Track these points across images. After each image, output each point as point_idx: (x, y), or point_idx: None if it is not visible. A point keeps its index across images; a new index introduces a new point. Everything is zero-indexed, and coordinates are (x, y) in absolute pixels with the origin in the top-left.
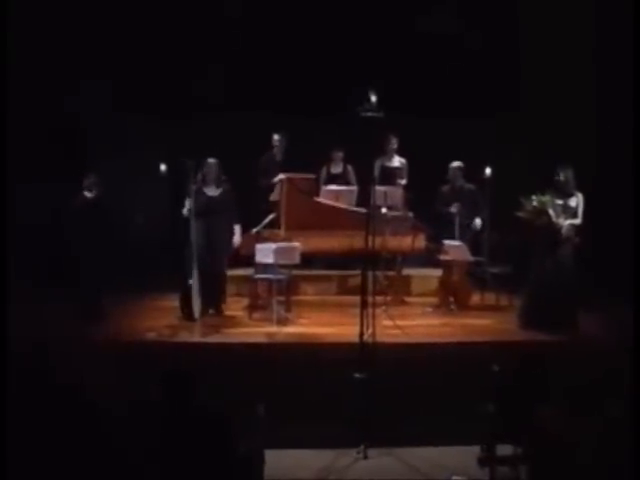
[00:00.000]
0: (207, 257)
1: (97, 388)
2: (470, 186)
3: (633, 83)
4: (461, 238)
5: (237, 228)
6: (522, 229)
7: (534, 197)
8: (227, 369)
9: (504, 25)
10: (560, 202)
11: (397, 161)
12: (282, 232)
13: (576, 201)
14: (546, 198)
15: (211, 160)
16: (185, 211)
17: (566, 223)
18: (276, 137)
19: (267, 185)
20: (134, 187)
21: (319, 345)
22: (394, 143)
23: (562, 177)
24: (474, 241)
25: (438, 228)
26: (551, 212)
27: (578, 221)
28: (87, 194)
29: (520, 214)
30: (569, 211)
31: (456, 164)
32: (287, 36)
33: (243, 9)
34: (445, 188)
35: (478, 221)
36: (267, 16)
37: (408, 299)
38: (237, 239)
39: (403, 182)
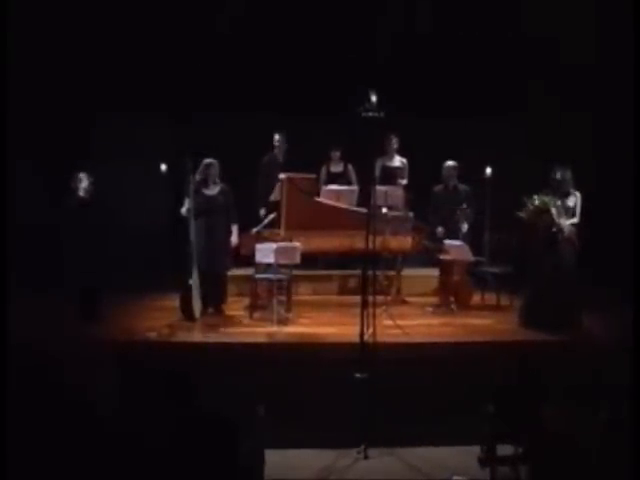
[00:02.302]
0: (207, 257)
1: (97, 388)
2: (464, 187)
3: (634, 83)
4: (463, 238)
5: (234, 228)
6: (522, 229)
7: (536, 197)
8: (227, 369)
9: (505, 24)
10: (559, 202)
11: (398, 161)
12: (282, 232)
13: (574, 200)
14: (548, 198)
15: (209, 160)
16: (184, 211)
17: (567, 223)
18: (277, 137)
19: (268, 186)
20: (134, 187)
21: (319, 345)
22: (395, 143)
23: (559, 177)
24: (474, 241)
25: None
26: (553, 212)
27: (576, 220)
28: (81, 194)
29: (521, 214)
30: (568, 211)
31: (450, 163)
32: (287, 36)
33: (244, 9)
34: (438, 188)
35: (465, 226)
36: (268, 16)
37: (408, 299)
38: (234, 239)
39: (404, 182)
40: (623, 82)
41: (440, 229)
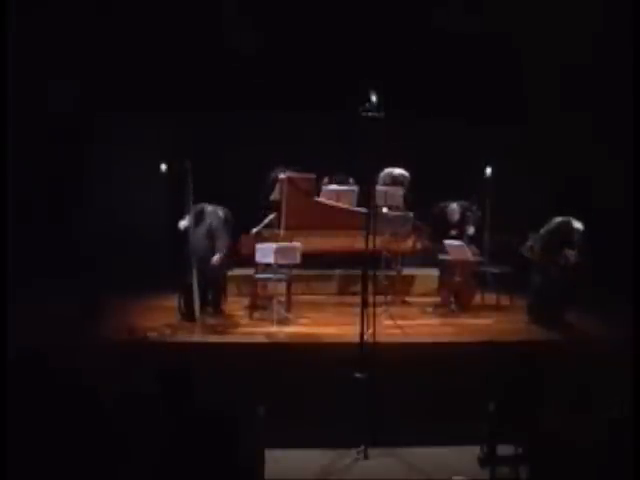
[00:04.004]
0: (206, 258)
1: (97, 388)
2: (464, 204)
3: (633, 93)
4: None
5: (218, 254)
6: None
7: (539, 246)
8: (227, 369)
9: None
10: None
11: (400, 175)
12: (282, 232)
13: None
14: (554, 249)
15: (199, 207)
16: (182, 225)
17: (572, 253)
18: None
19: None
20: (134, 187)
21: (319, 345)
22: (401, 177)
23: (578, 237)
24: (473, 241)
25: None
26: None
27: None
28: None
29: (527, 254)
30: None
31: (455, 207)
32: (288, 35)
33: (245, 9)
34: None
35: (472, 229)
36: (268, 15)
37: (408, 299)
38: (215, 259)
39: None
40: (623, 86)
41: (472, 229)
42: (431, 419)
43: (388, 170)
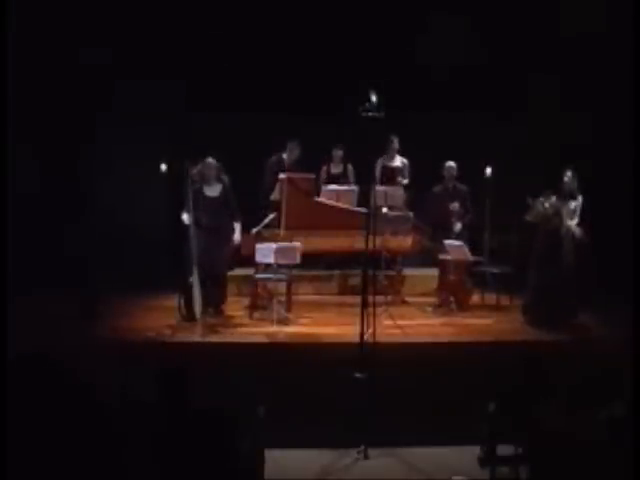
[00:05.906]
0: (207, 258)
1: (97, 388)
2: (463, 186)
3: (634, 87)
4: (456, 237)
5: (237, 226)
6: (528, 231)
7: (542, 199)
8: (227, 369)
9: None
10: (571, 205)
11: (399, 161)
12: (282, 232)
13: (576, 204)
14: (557, 201)
15: (206, 160)
16: (185, 219)
17: (575, 225)
18: (289, 145)
19: (270, 186)
20: (134, 187)
21: (319, 345)
22: (395, 143)
23: (568, 179)
24: (473, 241)
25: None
26: (564, 215)
27: (576, 221)
28: None
29: (529, 218)
30: (571, 213)
31: (451, 164)
32: (288, 35)
33: (245, 9)
34: (437, 188)
35: (459, 225)
36: (269, 16)
37: (408, 299)
38: (237, 237)
39: (405, 182)
40: (623, 81)
41: (455, 203)
42: (431, 419)
43: (385, 162)
